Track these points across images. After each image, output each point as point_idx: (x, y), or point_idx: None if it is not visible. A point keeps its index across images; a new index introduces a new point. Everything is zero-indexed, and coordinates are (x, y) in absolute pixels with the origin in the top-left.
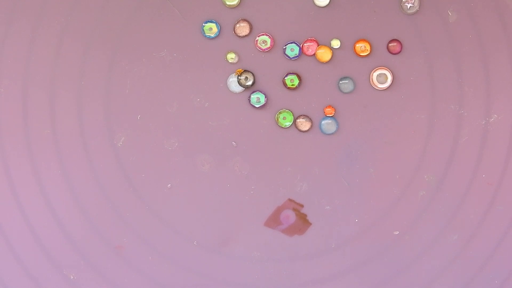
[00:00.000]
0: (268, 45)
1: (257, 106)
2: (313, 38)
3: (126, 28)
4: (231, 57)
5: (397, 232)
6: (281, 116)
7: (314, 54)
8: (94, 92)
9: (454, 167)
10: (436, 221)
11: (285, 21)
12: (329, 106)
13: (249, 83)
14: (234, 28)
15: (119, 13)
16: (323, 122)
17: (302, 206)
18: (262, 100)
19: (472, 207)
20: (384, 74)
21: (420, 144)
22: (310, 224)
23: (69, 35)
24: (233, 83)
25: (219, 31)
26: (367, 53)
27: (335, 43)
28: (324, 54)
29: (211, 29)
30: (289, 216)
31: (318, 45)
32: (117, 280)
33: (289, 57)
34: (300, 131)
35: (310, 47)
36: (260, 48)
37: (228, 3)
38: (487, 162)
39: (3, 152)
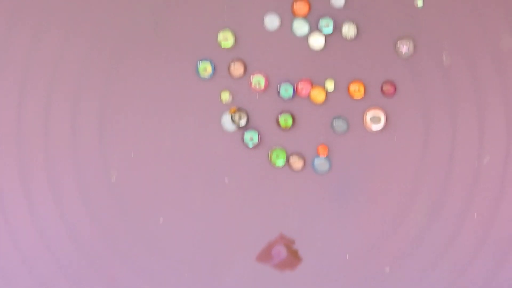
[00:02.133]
0: (262, 85)
1: (250, 145)
2: (307, 79)
3: (121, 66)
4: (225, 97)
5: (388, 269)
6: (274, 154)
7: (308, 95)
8: (89, 129)
9: (446, 206)
10: (427, 258)
11: (279, 62)
12: (323, 145)
13: (243, 122)
14: (228, 68)
15: (114, 51)
16: (316, 161)
17: (293, 242)
18: (256, 139)
19: (463, 245)
20: (378, 115)
21: (412, 184)
22: (301, 259)
23: (64, 70)
24: (227, 122)
25: (214, 70)
26: (361, 94)
27: (329, 84)
28: (318, 95)
29: (206, 69)
30: (281, 251)
31: (312, 86)
32: None
33: (283, 97)
34: (293, 169)
35: (304, 88)
36: (254, 88)
37: (223, 44)
38: (479, 202)
39: None
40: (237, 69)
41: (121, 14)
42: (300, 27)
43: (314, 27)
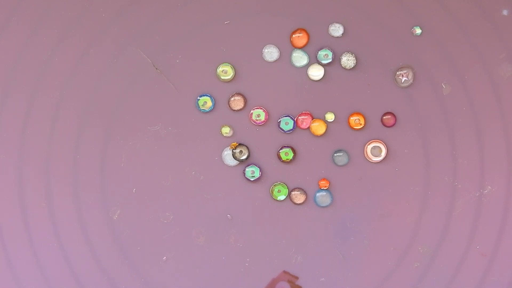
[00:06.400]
0: (263, 118)
1: (251, 179)
2: (307, 112)
3: (121, 102)
4: (226, 131)
5: None
6: (276, 189)
7: (309, 128)
8: (90, 166)
9: (448, 238)
10: None
11: (279, 95)
12: (324, 179)
13: (244, 157)
14: (228, 102)
15: (114, 87)
16: (317, 194)
17: (297, 278)
18: (257, 173)
19: (467, 278)
20: (378, 147)
21: (415, 216)
22: None
23: (64, 109)
24: (228, 156)
25: (214, 104)
26: (361, 126)
27: (329, 117)
28: (319, 128)
29: (206, 103)
30: None
31: (312, 119)
32: None
33: (283, 130)
34: (295, 203)
35: (304, 121)
36: (254, 121)
37: (222, 77)
38: (481, 234)
39: None
40: (237, 103)
41: (121, 50)
42: (299, 58)
43: (313, 58)
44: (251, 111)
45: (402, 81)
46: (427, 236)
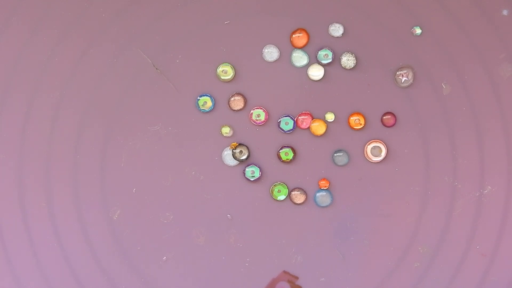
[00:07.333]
0: (263, 118)
1: (251, 179)
2: (307, 112)
3: (121, 102)
4: (226, 131)
5: None
6: (276, 189)
7: (309, 128)
8: (90, 166)
9: (448, 238)
10: None
11: (279, 95)
12: (324, 179)
13: (244, 157)
14: (228, 102)
15: (114, 87)
16: (317, 194)
17: (297, 278)
18: (257, 173)
19: (467, 278)
20: (378, 147)
21: (415, 216)
22: None
23: (64, 109)
24: (228, 156)
25: (214, 104)
26: (361, 126)
27: (329, 117)
28: (319, 128)
29: (206, 103)
30: None
31: (312, 119)
32: None
33: (283, 130)
34: (295, 203)
35: (304, 121)
36: (254, 121)
37: (222, 77)
38: (481, 234)
39: None
40: (237, 103)
41: (121, 50)
42: (299, 58)
43: (313, 58)
44: (251, 111)
45: (402, 81)
46: (427, 236)
